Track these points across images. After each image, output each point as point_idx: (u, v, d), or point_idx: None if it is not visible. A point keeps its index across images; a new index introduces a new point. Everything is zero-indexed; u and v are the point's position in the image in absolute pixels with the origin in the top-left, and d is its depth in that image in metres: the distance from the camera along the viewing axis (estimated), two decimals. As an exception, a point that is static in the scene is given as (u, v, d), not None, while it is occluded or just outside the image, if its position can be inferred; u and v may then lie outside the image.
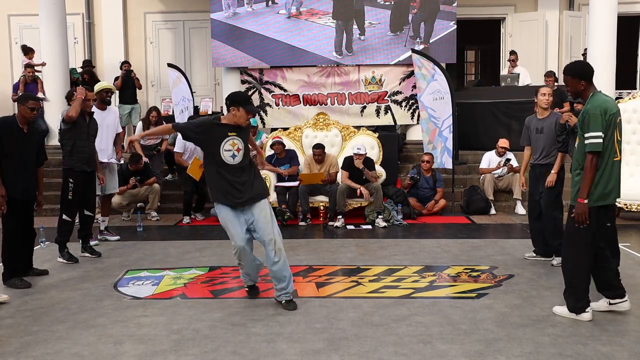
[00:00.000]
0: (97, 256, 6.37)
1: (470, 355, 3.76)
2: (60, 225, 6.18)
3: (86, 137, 6.21)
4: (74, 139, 6.12)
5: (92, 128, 6.32)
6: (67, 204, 6.17)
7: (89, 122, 6.27)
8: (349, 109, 10.62)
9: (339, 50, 10.49)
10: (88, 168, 6.23)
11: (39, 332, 4.26)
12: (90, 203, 6.44)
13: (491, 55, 15.44)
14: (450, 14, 10.39)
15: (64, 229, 6.18)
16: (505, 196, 9.13)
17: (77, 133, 6.13)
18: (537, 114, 6.07)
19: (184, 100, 9.37)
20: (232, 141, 4.55)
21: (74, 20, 12.59)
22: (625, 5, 11.75)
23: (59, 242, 6.18)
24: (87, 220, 6.42)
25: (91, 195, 6.48)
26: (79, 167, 6.15)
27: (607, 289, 4.47)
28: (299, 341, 4.02)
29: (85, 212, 6.37)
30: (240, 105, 4.53)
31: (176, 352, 3.88)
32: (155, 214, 8.60)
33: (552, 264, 5.81)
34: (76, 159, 6.13)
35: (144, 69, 12.74)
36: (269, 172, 8.64)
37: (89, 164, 6.25)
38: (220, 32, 10.61)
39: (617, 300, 4.45)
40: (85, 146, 6.18)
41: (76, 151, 6.13)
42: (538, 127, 5.95)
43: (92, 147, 6.33)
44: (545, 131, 5.88)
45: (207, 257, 6.40)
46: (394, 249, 6.67)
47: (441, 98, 9.03)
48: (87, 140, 6.22)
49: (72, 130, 6.11)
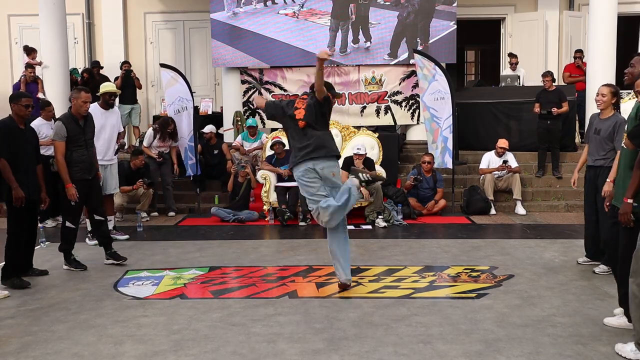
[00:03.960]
0: (123, 261, 6.06)
1: (470, 355, 3.76)
2: (64, 233, 5.99)
3: (83, 145, 5.90)
4: (70, 150, 5.83)
5: (88, 132, 6.01)
6: (69, 211, 5.97)
7: (84, 126, 5.94)
8: (348, 109, 10.62)
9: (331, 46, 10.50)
10: (89, 176, 5.96)
11: (39, 332, 4.26)
12: (98, 208, 6.14)
13: (491, 55, 15.43)
14: (450, 14, 10.40)
15: (68, 236, 5.97)
16: (505, 196, 9.13)
17: (73, 143, 5.84)
18: (600, 113, 5.69)
19: (181, 100, 9.34)
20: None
21: (74, 21, 12.58)
22: (625, 5, 11.74)
23: (64, 251, 5.99)
24: (100, 225, 6.16)
25: (98, 200, 6.18)
26: (79, 176, 5.88)
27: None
28: (299, 341, 4.02)
29: (95, 217, 6.12)
30: None
31: (176, 352, 3.88)
32: (145, 215, 8.60)
33: (594, 271, 5.56)
34: (76, 169, 5.86)
35: (144, 69, 12.73)
36: (269, 172, 8.64)
37: (90, 172, 5.96)
38: (220, 32, 10.61)
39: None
40: (84, 154, 5.88)
41: (75, 161, 5.84)
42: (597, 128, 5.60)
43: (91, 153, 6.03)
44: (601, 133, 5.53)
45: (207, 257, 6.40)
46: (394, 249, 6.67)
47: (442, 98, 9.02)
48: (85, 147, 5.92)
49: (67, 142, 5.81)
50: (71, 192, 5.79)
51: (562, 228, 7.77)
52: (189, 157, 9.29)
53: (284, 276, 5.64)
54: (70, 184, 5.79)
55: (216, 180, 9.65)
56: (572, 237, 7.08)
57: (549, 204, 9.13)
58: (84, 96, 5.85)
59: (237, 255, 6.47)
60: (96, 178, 6.19)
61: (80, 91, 5.92)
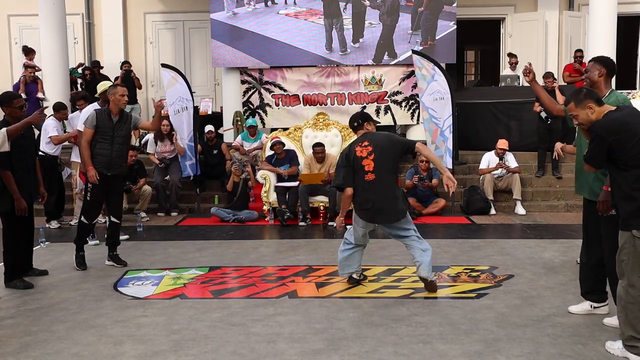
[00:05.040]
0: (123, 265, 6.03)
1: (470, 355, 3.76)
2: (79, 228, 6.05)
3: (109, 140, 5.83)
4: (95, 141, 5.82)
5: (119, 129, 5.87)
6: (85, 206, 6.01)
7: (115, 122, 5.85)
8: (348, 109, 10.61)
9: (329, 46, 10.50)
10: (108, 172, 5.88)
11: (39, 332, 4.26)
12: (116, 209, 6.09)
13: (491, 55, 15.43)
14: (450, 14, 10.40)
15: (81, 231, 6.02)
16: (505, 196, 9.13)
17: (101, 135, 5.81)
18: None
19: (181, 100, 9.35)
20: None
21: (73, 21, 12.59)
22: (625, 5, 11.75)
23: (76, 243, 6.02)
24: (113, 227, 6.12)
25: (117, 201, 6.13)
26: (97, 169, 5.82)
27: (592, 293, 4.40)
28: (299, 341, 4.02)
29: (111, 219, 6.09)
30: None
31: (176, 352, 3.88)
32: (144, 214, 8.60)
33: None
34: (95, 161, 5.81)
35: (143, 69, 12.74)
36: (269, 172, 8.64)
37: (109, 168, 5.86)
38: (220, 32, 10.61)
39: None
40: (107, 149, 5.82)
41: (96, 153, 5.80)
42: None
43: (117, 149, 5.87)
44: None
45: (207, 257, 6.40)
46: (394, 249, 6.66)
47: (441, 98, 9.02)
48: (111, 143, 5.84)
49: (95, 133, 5.81)
50: (91, 174, 5.78)
51: (562, 228, 7.77)
52: (188, 157, 9.29)
53: (283, 276, 5.64)
54: (92, 166, 5.79)
55: (216, 180, 9.65)
56: (571, 237, 7.08)
57: (549, 204, 9.13)
58: (120, 90, 5.89)
59: (237, 255, 6.47)
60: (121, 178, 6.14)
61: (116, 87, 6.02)
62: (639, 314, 3.61)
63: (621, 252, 3.66)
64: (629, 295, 3.61)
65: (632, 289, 3.61)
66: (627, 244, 3.61)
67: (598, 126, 3.62)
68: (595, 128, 3.63)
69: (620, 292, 3.68)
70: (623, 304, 3.65)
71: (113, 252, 6.14)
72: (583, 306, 4.45)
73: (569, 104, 3.80)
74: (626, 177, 3.58)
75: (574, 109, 3.74)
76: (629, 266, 3.61)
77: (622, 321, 3.68)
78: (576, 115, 3.75)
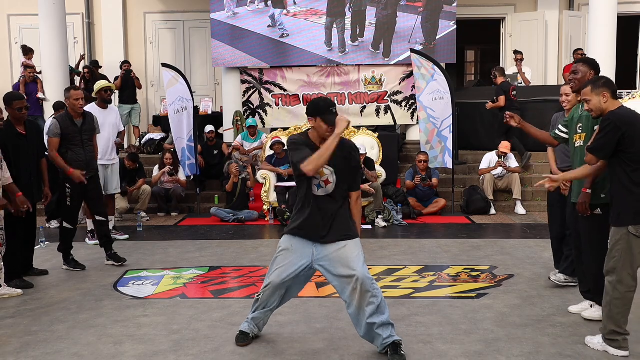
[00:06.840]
0: (123, 262, 6.04)
1: (470, 355, 3.77)
2: (62, 233, 5.99)
3: (80, 144, 5.86)
4: (66, 148, 5.81)
5: (86, 130, 5.94)
6: (66, 211, 5.97)
7: (81, 125, 5.90)
8: (348, 109, 10.62)
9: (328, 43, 10.50)
10: (86, 175, 5.89)
11: (39, 332, 4.26)
12: (99, 207, 6.10)
13: (491, 55, 15.42)
14: (450, 14, 10.40)
15: (65, 237, 5.97)
16: (505, 196, 9.13)
17: (69, 142, 5.82)
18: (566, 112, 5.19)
19: (182, 100, 9.34)
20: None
21: (73, 20, 12.58)
22: (625, 5, 11.74)
23: (63, 251, 5.99)
24: (100, 225, 6.11)
25: (98, 199, 6.13)
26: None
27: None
28: (299, 341, 4.02)
29: (96, 218, 6.09)
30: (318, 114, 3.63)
31: (176, 352, 3.88)
32: (144, 214, 8.60)
33: None
34: (73, 167, 5.81)
35: (143, 69, 12.73)
36: (269, 172, 8.64)
37: (88, 170, 5.91)
38: (220, 32, 10.61)
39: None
40: (79, 153, 5.85)
41: (71, 160, 5.81)
42: None
43: (89, 150, 5.96)
44: None
45: (207, 257, 6.40)
46: (394, 249, 6.67)
47: (441, 98, 9.02)
48: (82, 146, 5.88)
49: (62, 141, 5.79)
50: (77, 175, 5.77)
51: (562, 228, 7.76)
52: (187, 157, 9.29)
53: (284, 276, 5.63)
54: (71, 170, 5.77)
55: (216, 180, 9.65)
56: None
57: (549, 204, 9.12)
58: (73, 94, 5.86)
59: (237, 255, 6.47)
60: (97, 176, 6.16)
61: (69, 90, 5.97)
62: (623, 309, 3.67)
63: (613, 248, 3.69)
64: (617, 292, 3.66)
65: (620, 285, 3.66)
66: (621, 241, 3.65)
67: (613, 115, 3.67)
68: (610, 117, 3.67)
69: (607, 288, 3.72)
70: (609, 299, 3.70)
71: (110, 251, 6.14)
72: (583, 306, 4.46)
73: (585, 87, 3.84)
74: (628, 172, 3.63)
75: (589, 94, 3.79)
76: (621, 262, 3.65)
77: (606, 315, 3.73)
78: (589, 100, 3.79)
